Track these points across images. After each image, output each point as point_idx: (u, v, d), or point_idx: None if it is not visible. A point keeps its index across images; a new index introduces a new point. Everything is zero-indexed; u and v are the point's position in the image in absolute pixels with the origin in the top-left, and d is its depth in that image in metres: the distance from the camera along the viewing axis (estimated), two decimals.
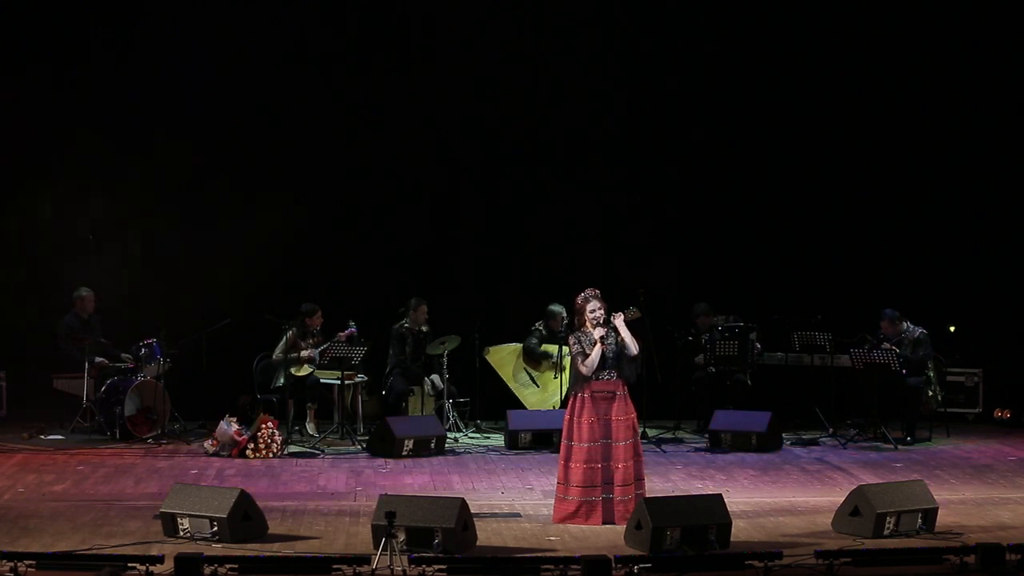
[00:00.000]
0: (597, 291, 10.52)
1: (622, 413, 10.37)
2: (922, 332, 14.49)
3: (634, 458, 10.38)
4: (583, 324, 10.46)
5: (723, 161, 16.46)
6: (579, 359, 10.37)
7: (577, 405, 10.39)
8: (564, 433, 10.45)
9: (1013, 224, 16.32)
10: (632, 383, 10.52)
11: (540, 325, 15.27)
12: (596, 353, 10.30)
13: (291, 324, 14.53)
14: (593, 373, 10.35)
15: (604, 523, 10.20)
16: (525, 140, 16.28)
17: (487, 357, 15.24)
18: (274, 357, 14.56)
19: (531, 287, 15.67)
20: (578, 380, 10.43)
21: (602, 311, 10.42)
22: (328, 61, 16.00)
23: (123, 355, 14.69)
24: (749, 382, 15.03)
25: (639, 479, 10.43)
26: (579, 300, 10.50)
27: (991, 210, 16.34)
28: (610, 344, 10.37)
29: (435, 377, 14.87)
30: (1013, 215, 16.33)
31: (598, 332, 10.33)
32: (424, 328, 14.98)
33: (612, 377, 10.39)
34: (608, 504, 10.28)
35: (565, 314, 14.59)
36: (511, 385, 15.38)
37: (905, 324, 14.49)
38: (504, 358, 15.39)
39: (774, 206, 16.42)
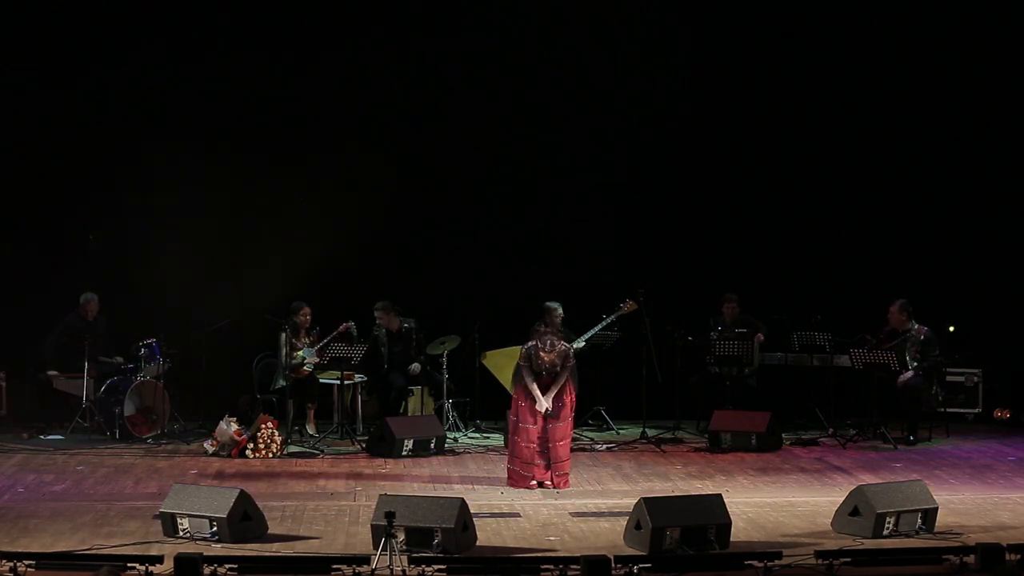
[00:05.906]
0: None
1: (560, 398, 11.83)
2: (928, 331, 14.48)
3: (569, 438, 11.97)
4: (550, 326, 12.30)
5: (723, 161, 16.47)
6: (525, 370, 11.81)
7: (525, 393, 11.84)
8: (521, 416, 11.84)
9: (1013, 224, 16.32)
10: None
11: (540, 325, 15.22)
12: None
13: (285, 324, 14.53)
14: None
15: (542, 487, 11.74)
16: (525, 140, 16.26)
17: (484, 362, 15.21)
18: (280, 361, 14.55)
19: (532, 287, 15.65)
20: (522, 378, 11.88)
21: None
22: (329, 59, 16.00)
23: (116, 357, 14.69)
24: (753, 380, 15.04)
25: (567, 458, 11.91)
26: (552, 306, 12.35)
27: (991, 210, 16.34)
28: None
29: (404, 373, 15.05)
30: (1013, 215, 16.33)
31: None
32: (407, 324, 15.00)
33: (548, 376, 11.87)
34: (547, 474, 11.77)
35: (561, 310, 14.58)
36: (510, 389, 15.32)
37: (912, 323, 14.49)
38: (502, 362, 15.34)
39: (774, 206, 16.42)
